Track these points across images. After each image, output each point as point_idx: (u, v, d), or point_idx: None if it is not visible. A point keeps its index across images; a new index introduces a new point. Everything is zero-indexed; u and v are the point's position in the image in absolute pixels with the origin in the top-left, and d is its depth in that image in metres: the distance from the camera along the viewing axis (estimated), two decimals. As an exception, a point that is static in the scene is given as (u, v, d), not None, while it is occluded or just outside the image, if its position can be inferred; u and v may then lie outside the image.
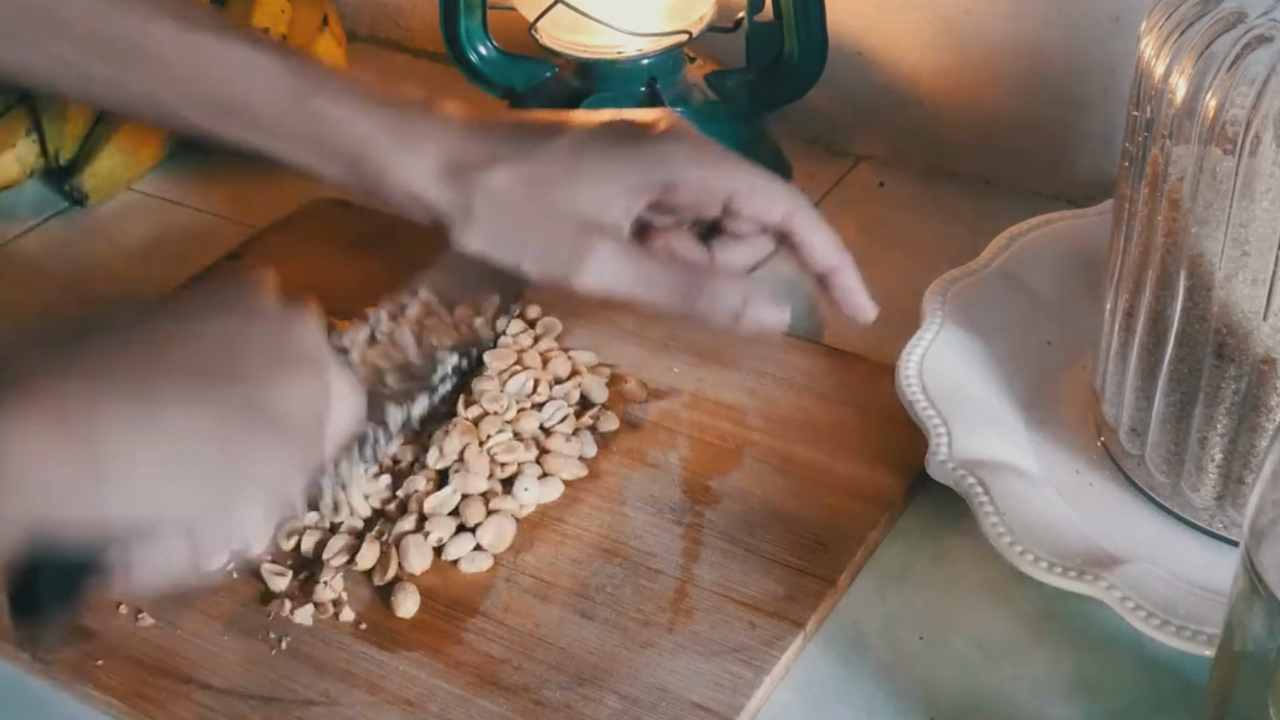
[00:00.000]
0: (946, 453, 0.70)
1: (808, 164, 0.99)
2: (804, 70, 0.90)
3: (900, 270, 0.88)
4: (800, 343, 0.83)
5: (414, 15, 1.15)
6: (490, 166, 0.67)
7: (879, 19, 0.97)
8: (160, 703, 0.65)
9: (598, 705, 0.64)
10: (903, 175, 0.99)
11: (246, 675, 0.66)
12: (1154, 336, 0.67)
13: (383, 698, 0.65)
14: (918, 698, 0.65)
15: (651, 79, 0.90)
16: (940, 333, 0.77)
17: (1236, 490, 0.66)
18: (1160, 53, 0.62)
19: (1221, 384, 0.64)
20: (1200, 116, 0.60)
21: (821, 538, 0.71)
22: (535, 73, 0.95)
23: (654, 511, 0.73)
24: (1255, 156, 0.59)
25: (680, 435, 0.77)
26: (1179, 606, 0.63)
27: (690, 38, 0.90)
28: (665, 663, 0.65)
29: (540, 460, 0.75)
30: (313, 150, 0.69)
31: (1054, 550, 0.66)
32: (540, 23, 0.90)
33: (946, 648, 0.67)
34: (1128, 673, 0.65)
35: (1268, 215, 0.60)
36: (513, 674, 0.65)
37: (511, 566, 0.71)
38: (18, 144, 1.00)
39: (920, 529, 0.72)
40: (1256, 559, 0.50)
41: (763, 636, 0.66)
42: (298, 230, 0.94)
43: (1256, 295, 0.62)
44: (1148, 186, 0.64)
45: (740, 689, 0.64)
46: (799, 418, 0.77)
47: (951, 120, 0.97)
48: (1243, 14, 0.60)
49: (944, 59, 0.96)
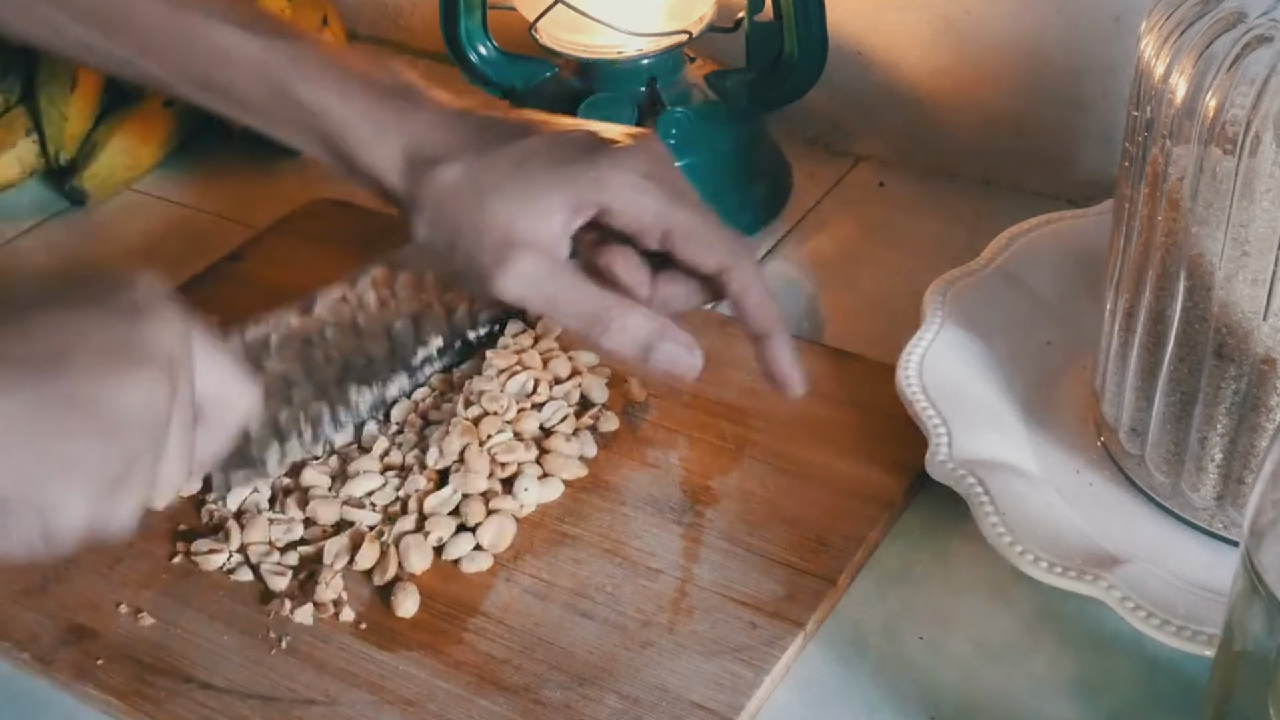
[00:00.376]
0: (946, 453, 0.70)
1: (808, 164, 0.99)
2: (804, 70, 0.90)
3: (900, 270, 0.89)
4: (800, 342, 0.83)
5: (414, 15, 1.15)
6: (443, 162, 0.67)
7: (879, 19, 0.97)
8: (160, 702, 0.65)
9: (598, 705, 0.64)
10: (903, 175, 0.99)
11: (246, 675, 0.66)
12: (1154, 336, 0.67)
13: (383, 697, 0.65)
14: (918, 698, 0.65)
15: (651, 79, 0.90)
16: (940, 333, 0.77)
17: (1236, 490, 0.66)
18: (1160, 53, 0.62)
19: (1221, 384, 0.64)
20: (1200, 116, 0.60)
21: (822, 537, 0.71)
22: (535, 73, 0.95)
23: (654, 511, 0.73)
24: (1255, 156, 0.59)
25: (680, 435, 0.77)
26: (1179, 606, 0.63)
27: (690, 38, 0.90)
28: (665, 662, 0.65)
29: (540, 460, 0.75)
30: (292, 130, 0.70)
31: (1054, 550, 0.66)
32: (540, 23, 0.90)
33: (946, 648, 0.67)
34: (1128, 673, 0.65)
35: (1268, 215, 0.60)
36: (513, 674, 0.65)
37: (511, 566, 0.71)
38: (18, 144, 1.00)
39: (920, 529, 0.72)
40: (1256, 559, 0.50)
41: (763, 636, 0.66)
42: (298, 230, 0.94)
43: (1256, 295, 0.62)
44: (1148, 186, 0.64)
45: (740, 689, 0.64)
46: (799, 417, 0.77)
47: (951, 120, 0.97)
48: (1243, 14, 0.60)
49: (944, 59, 0.96)
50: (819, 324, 0.87)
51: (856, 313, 0.87)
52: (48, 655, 0.68)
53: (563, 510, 0.74)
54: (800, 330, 0.84)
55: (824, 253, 0.93)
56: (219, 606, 0.69)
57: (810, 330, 0.85)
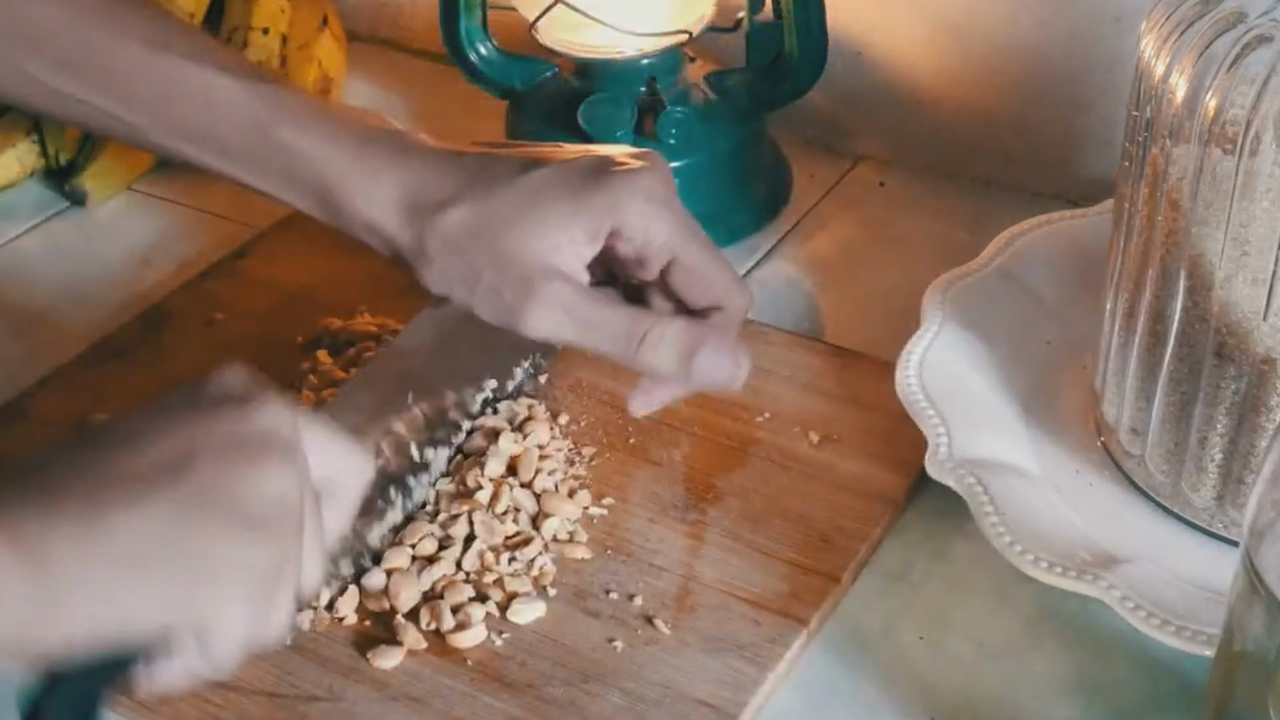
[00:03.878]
0: (946, 452, 0.71)
1: (808, 164, 0.99)
2: (804, 70, 0.90)
3: (900, 270, 0.89)
4: (803, 340, 0.83)
5: (414, 15, 1.15)
6: (447, 206, 0.65)
7: (879, 19, 0.97)
8: (165, 699, 0.65)
9: (602, 701, 0.64)
10: (903, 175, 1.00)
11: (251, 671, 0.66)
12: (1154, 336, 0.67)
13: (387, 694, 0.65)
14: (918, 697, 0.65)
15: (651, 79, 0.91)
16: (940, 333, 0.77)
17: (1236, 490, 0.67)
18: (1160, 53, 0.63)
19: (1221, 384, 0.65)
20: (1200, 116, 0.60)
21: (825, 535, 0.71)
22: (535, 73, 0.95)
23: (658, 509, 0.73)
24: (1255, 156, 0.59)
25: (683, 433, 0.77)
26: (1179, 606, 0.63)
27: (690, 37, 0.90)
28: (669, 659, 0.65)
29: (539, 526, 0.73)
30: (278, 180, 0.68)
31: (1054, 550, 0.66)
32: (540, 23, 0.90)
33: (946, 648, 0.67)
34: (1128, 673, 0.65)
35: (1268, 215, 0.60)
36: (517, 670, 0.66)
37: (514, 565, 0.71)
38: (18, 144, 1.00)
39: (921, 528, 0.73)
40: (1256, 559, 0.50)
41: (766, 633, 0.66)
42: (298, 230, 0.94)
43: (1256, 295, 0.62)
44: (1148, 186, 0.65)
45: (744, 685, 0.64)
46: (802, 415, 0.78)
47: (951, 120, 0.98)
48: (1243, 14, 0.60)
49: (944, 59, 0.96)
50: (819, 324, 0.87)
51: (856, 313, 0.87)
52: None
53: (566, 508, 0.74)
54: (800, 330, 0.85)
55: (824, 252, 0.93)
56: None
57: (810, 330, 0.85)
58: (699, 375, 0.65)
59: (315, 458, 0.55)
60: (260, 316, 0.87)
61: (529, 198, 0.65)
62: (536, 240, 0.64)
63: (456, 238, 0.65)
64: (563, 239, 0.64)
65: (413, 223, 0.66)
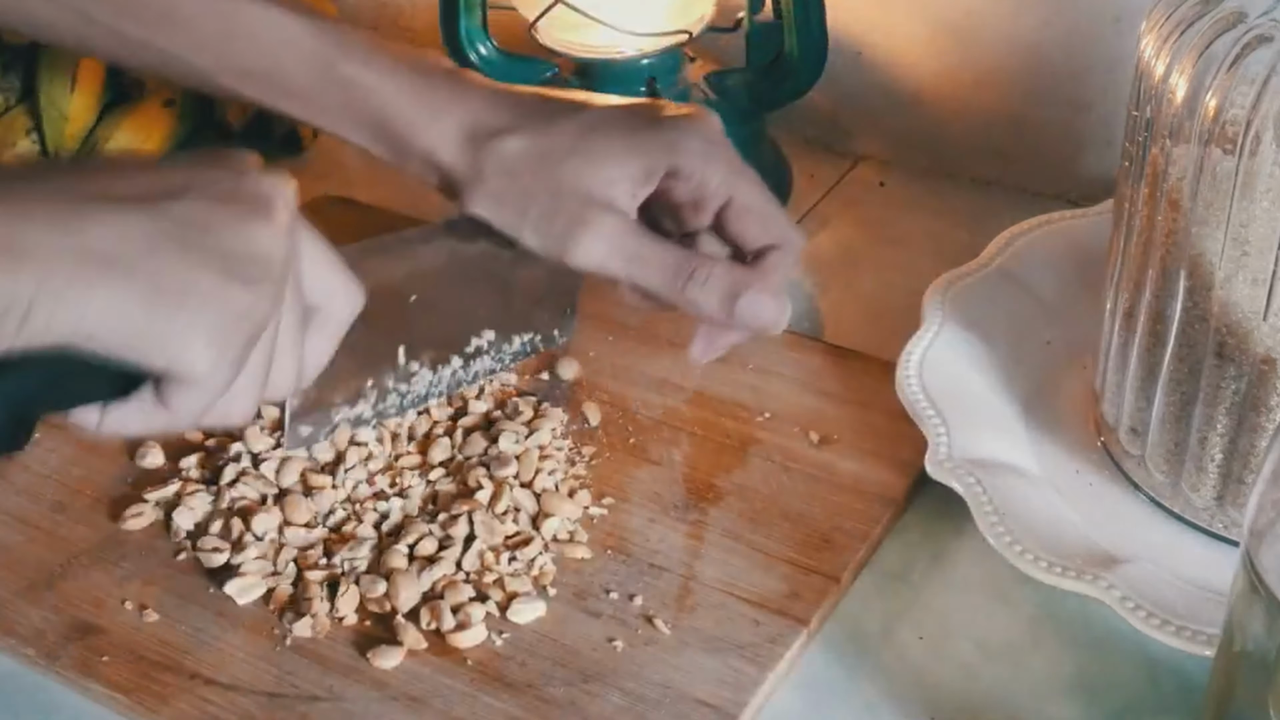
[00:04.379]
0: (946, 452, 0.71)
1: (808, 164, 0.99)
2: (804, 70, 0.90)
3: (900, 270, 0.89)
4: (803, 339, 0.83)
5: (414, 15, 1.15)
6: (506, 134, 0.67)
7: (879, 19, 0.97)
8: (164, 698, 0.65)
9: (602, 701, 0.64)
10: (903, 175, 1.00)
11: (251, 671, 0.66)
12: (1154, 336, 0.67)
13: (387, 694, 0.65)
14: (918, 697, 0.65)
15: (651, 79, 0.91)
16: (940, 333, 0.77)
17: (1236, 490, 0.67)
18: (1160, 53, 0.63)
19: (1221, 384, 0.65)
20: (1200, 116, 0.60)
21: (825, 535, 0.71)
22: (535, 73, 0.95)
23: (658, 508, 0.73)
24: (1255, 156, 0.59)
25: (683, 432, 0.77)
26: (1179, 606, 0.63)
27: (690, 38, 0.90)
28: (669, 659, 0.65)
29: (538, 523, 0.73)
30: (340, 116, 0.69)
31: (1054, 550, 0.66)
32: (540, 23, 0.90)
33: (946, 648, 0.67)
34: (1128, 673, 0.65)
35: (1268, 215, 0.60)
36: (517, 670, 0.66)
37: (514, 565, 0.71)
38: (18, 144, 1.00)
39: (921, 528, 0.73)
40: (1256, 559, 0.50)
41: (767, 633, 0.66)
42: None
43: (1256, 295, 0.62)
44: (1148, 186, 0.65)
45: (744, 685, 0.64)
46: (802, 415, 0.78)
47: (951, 120, 0.98)
48: (1243, 14, 0.60)
49: (944, 59, 0.96)
50: (819, 324, 0.87)
51: (857, 312, 0.87)
52: (53, 651, 0.68)
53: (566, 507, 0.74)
54: (800, 330, 0.85)
55: (824, 252, 0.93)
56: (224, 603, 0.70)
57: (810, 330, 0.86)
58: (742, 317, 0.67)
59: (309, 275, 0.54)
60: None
61: (588, 130, 0.66)
62: (593, 173, 0.65)
63: (514, 163, 0.66)
64: (619, 174, 0.66)
65: (470, 148, 0.67)
